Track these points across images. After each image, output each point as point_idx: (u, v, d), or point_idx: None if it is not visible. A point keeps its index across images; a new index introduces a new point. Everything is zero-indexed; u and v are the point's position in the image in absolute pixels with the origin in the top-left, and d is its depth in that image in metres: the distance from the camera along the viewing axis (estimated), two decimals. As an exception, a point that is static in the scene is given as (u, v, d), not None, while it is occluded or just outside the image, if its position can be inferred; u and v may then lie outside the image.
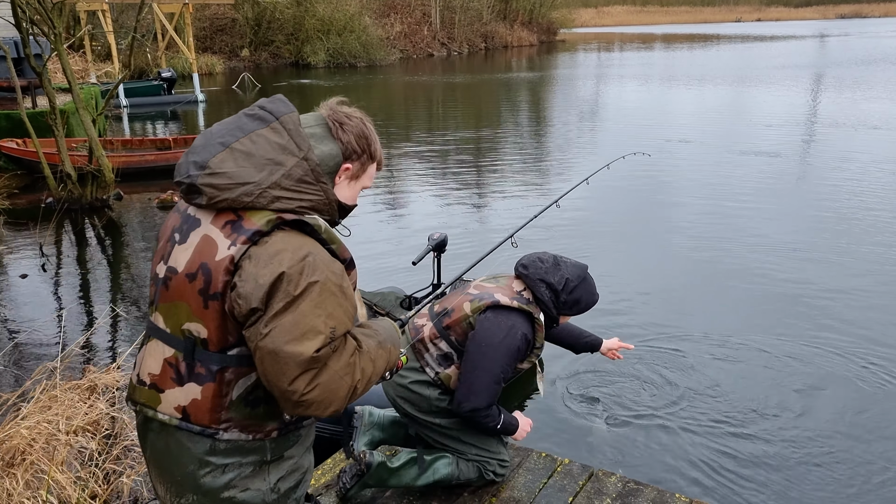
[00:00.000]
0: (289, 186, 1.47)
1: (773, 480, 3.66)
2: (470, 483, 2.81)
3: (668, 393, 4.48)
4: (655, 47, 45.93)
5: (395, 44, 37.53)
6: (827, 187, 9.82)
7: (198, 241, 1.49)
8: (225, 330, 1.46)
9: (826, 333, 5.31)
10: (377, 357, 1.57)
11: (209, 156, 1.48)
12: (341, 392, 1.46)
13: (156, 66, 23.65)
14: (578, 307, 2.71)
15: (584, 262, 2.79)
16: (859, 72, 26.52)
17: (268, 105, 1.55)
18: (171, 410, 1.52)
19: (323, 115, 1.61)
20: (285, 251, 1.42)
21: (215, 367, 1.48)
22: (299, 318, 1.39)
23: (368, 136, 1.63)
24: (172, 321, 1.51)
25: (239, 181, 1.45)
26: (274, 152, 1.48)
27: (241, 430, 1.51)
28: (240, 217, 1.47)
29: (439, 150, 13.26)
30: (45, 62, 9.15)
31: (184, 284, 1.48)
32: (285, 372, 1.40)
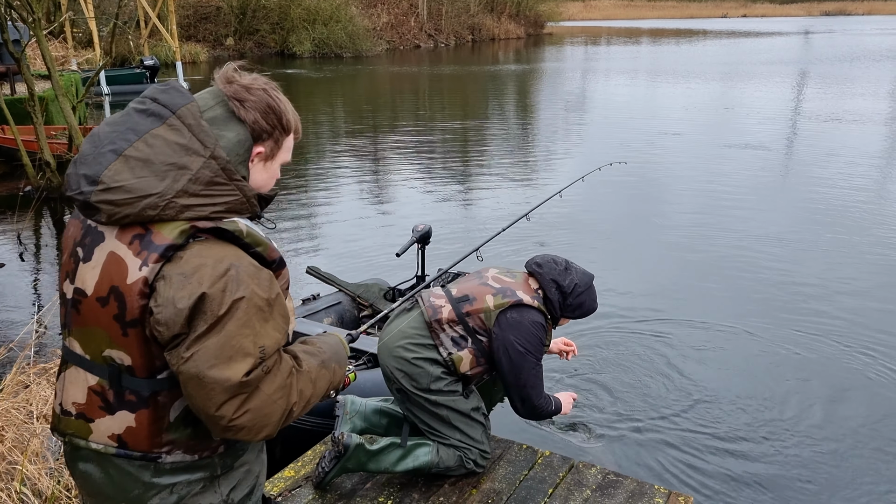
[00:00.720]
0: (198, 192, 1.30)
1: (751, 471, 3.68)
2: (449, 472, 2.80)
3: (649, 385, 4.49)
4: (642, 42, 46.02)
5: (382, 34, 37.31)
6: (813, 180, 9.91)
7: (105, 260, 1.32)
8: (150, 355, 1.34)
9: (809, 325, 5.35)
10: (318, 377, 1.48)
11: (100, 167, 1.29)
12: (274, 417, 1.36)
13: (138, 54, 23.36)
14: (580, 311, 2.83)
15: (592, 273, 2.90)
16: (843, 68, 26.73)
17: (161, 97, 1.35)
18: (105, 440, 1.39)
19: (221, 92, 1.38)
20: (204, 267, 1.28)
21: (146, 393, 1.36)
22: (224, 341, 1.27)
23: (277, 108, 1.42)
24: (91, 348, 1.37)
25: (139, 194, 1.27)
26: (175, 155, 1.30)
27: (185, 452, 1.41)
28: (148, 230, 1.30)
29: (425, 142, 13.21)
30: (24, 48, 8.98)
31: (96, 309, 1.33)
32: (211, 397, 1.28)
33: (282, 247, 7.19)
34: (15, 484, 2.86)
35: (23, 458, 2.98)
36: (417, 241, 4.49)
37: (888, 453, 3.85)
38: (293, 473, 2.95)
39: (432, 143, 13.20)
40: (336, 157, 11.99)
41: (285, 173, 10.57)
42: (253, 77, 1.43)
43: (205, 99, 1.38)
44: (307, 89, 21.59)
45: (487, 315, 2.70)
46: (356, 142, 13.33)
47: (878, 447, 3.90)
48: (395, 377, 2.76)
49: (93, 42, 20.69)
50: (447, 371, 2.74)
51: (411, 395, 2.74)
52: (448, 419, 2.76)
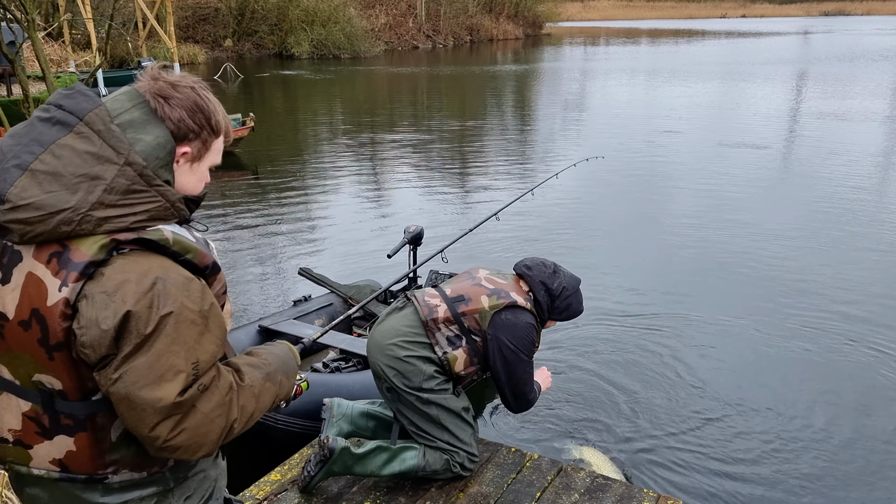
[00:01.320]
0: (115, 202, 1.22)
1: (741, 475, 3.66)
2: (436, 475, 2.78)
3: (639, 388, 4.47)
4: (641, 42, 46.04)
5: (380, 35, 37.33)
6: (813, 178, 9.94)
7: (24, 282, 1.25)
8: (81, 378, 1.27)
9: (806, 324, 5.33)
10: (262, 391, 1.41)
11: (5, 185, 1.20)
12: (212, 435, 1.30)
13: (136, 56, 23.35)
14: (567, 313, 2.87)
15: (579, 277, 2.94)
16: (843, 68, 26.74)
17: (66, 102, 1.26)
18: (47, 465, 1.34)
19: (140, 92, 1.30)
20: (127, 283, 1.20)
21: (82, 416, 1.30)
22: (153, 360, 1.21)
23: (205, 107, 1.35)
24: (20, 373, 1.30)
25: (51, 210, 1.19)
26: (86, 165, 1.21)
27: (132, 470, 1.36)
28: (66, 247, 1.22)
29: (420, 143, 13.19)
30: (18, 49, 8.98)
31: (19, 334, 1.26)
32: (143, 419, 1.23)
33: (274, 248, 7.19)
34: (1, 488, 2.84)
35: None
36: (409, 242, 4.46)
37: (887, 460, 3.82)
38: (279, 477, 2.93)
39: (428, 143, 13.19)
40: (330, 157, 11.97)
41: (282, 174, 10.53)
42: (181, 75, 1.37)
43: (119, 101, 1.29)
44: (305, 90, 21.58)
45: (482, 315, 2.72)
46: (352, 143, 13.31)
47: (874, 449, 3.88)
48: (386, 375, 2.74)
49: (91, 43, 20.69)
50: (440, 370, 2.73)
51: (402, 393, 2.73)
52: (437, 419, 2.74)
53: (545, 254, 6.43)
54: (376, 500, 2.79)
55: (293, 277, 5.17)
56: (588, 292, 5.75)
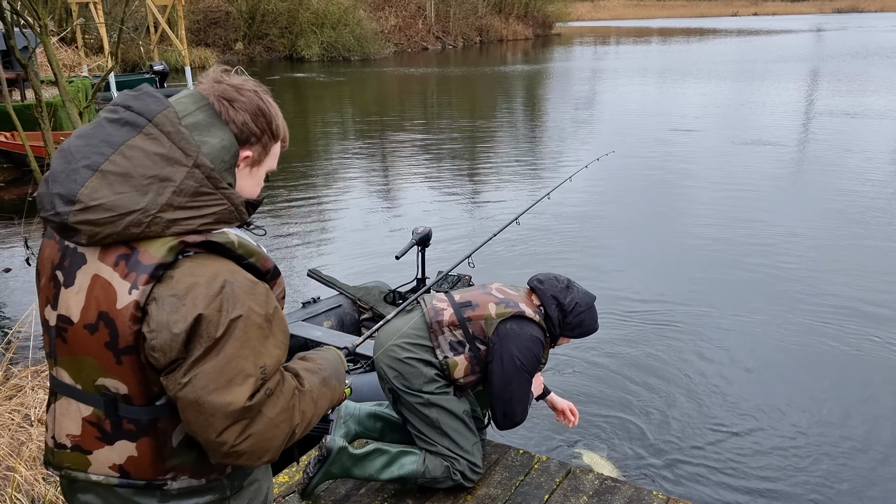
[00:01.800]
0: (184, 204, 1.21)
1: (753, 478, 3.63)
2: (437, 483, 2.75)
3: (648, 390, 4.45)
4: (652, 41, 45.83)
5: (390, 37, 37.35)
6: (830, 175, 9.86)
7: (89, 284, 1.24)
8: (147, 382, 1.26)
9: (823, 322, 5.28)
10: (320, 397, 1.41)
11: (76, 186, 1.19)
12: (277, 441, 1.29)
13: (148, 60, 23.51)
14: (579, 330, 2.80)
15: (594, 294, 2.88)
16: (858, 65, 26.47)
17: (134, 104, 1.25)
18: (106, 470, 1.32)
19: (204, 95, 1.30)
20: (197, 286, 1.20)
21: (146, 421, 1.29)
22: (223, 364, 1.20)
23: (267, 112, 1.35)
24: (82, 377, 1.29)
25: (121, 211, 1.18)
26: (156, 167, 1.21)
27: (191, 476, 1.34)
28: (134, 249, 1.21)
29: (429, 144, 13.19)
30: (31, 54, 9.04)
31: (85, 338, 1.25)
32: (211, 423, 1.22)
33: (284, 249, 7.21)
34: (9, 490, 2.86)
35: (18, 462, 2.97)
36: (417, 244, 4.46)
37: None
38: (287, 479, 2.93)
39: (437, 144, 13.18)
40: (340, 159, 11.99)
41: (292, 175, 10.55)
42: (243, 79, 1.36)
43: (184, 104, 1.28)
44: (316, 93, 21.64)
45: (488, 322, 2.69)
46: (361, 144, 13.33)
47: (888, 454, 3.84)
48: (387, 376, 2.74)
49: (104, 48, 20.84)
50: (440, 374, 2.71)
51: (402, 394, 2.72)
52: (437, 423, 2.72)
53: (562, 254, 6.43)
54: (384, 501, 2.78)
55: (302, 279, 5.18)
56: (603, 291, 5.75)
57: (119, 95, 1.29)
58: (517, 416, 2.72)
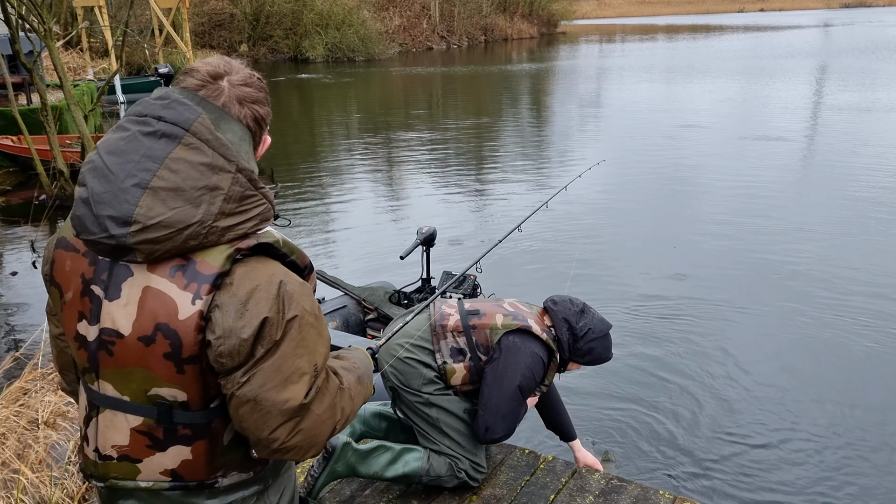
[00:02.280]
0: (233, 210, 1.22)
1: (761, 477, 3.60)
2: (441, 481, 2.74)
3: (655, 389, 4.42)
4: (658, 39, 45.71)
5: (394, 37, 37.37)
6: (843, 170, 9.81)
7: (140, 297, 1.23)
8: (206, 387, 1.28)
9: (835, 318, 5.24)
10: (356, 394, 1.44)
11: (130, 206, 1.17)
12: (322, 437, 1.32)
13: (153, 62, 23.58)
14: (590, 357, 2.75)
15: (610, 322, 2.82)
16: (867, 61, 26.32)
17: (166, 114, 1.22)
18: (157, 476, 1.33)
19: (195, 93, 1.28)
20: (258, 290, 1.22)
21: (202, 424, 1.31)
22: (280, 362, 1.23)
23: (263, 100, 1.36)
24: (131, 389, 1.28)
25: (179, 227, 1.18)
26: (204, 177, 1.20)
27: (239, 472, 1.37)
28: (190, 260, 1.21)
29: (434, 144, 13.19)
30: (36, 58, 9.09)
31: (139, 350, 1.24)
32: (267, 421, 1.25)
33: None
34: (15, 493, 2.86)
35: (23, 466, 2.98)
36: (422, 244, 4.44)
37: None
38: (292, 480, 2.92)
39: (442, 144, 13.18)
40: (345, 160, 12.00)
41: (296, 176, 10.54)
42: (233, 63, 1.37)
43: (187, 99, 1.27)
44: (321, 94, 21.67)
45: (493, 331, 2.65)
46: (366, 145, 13.34)
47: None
48: (387, 374, 2.73)
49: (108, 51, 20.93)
50: (439, 377, 2.69)
51: (402, 393, 2.71)
52: (438, 422, 2.70)
53: (568, 251, 6.38)
54: (389, 502, 2.77)
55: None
56: (611, 287, 5.75)
57: (142, 104, 1.26)
58: (498, 432, 2.62)
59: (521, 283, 6.03)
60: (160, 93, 1.26)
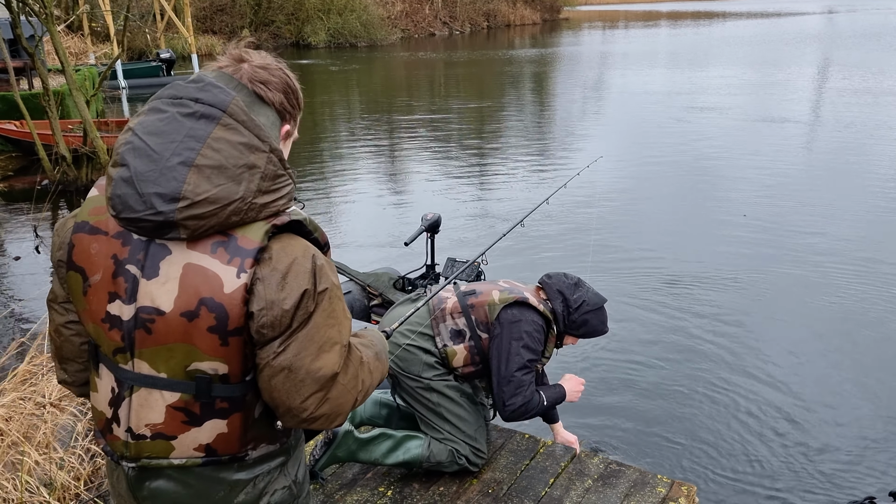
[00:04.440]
0: (268, 188, 1.29)
1: (756, 461, 3.64)
2: (442, 467, 2.77)
3: (654, 375, 4.45)
4: (661, 25, 45.43)
5: (397, 23, 37.18)
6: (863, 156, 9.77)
7: (181, 274, 1.26)
8: (246, 360, 1.32)
9: (833, 306, 5.26)
10: (374, 369, 1.48)
11: (178, 183, 1.22)
12: (347, 406, 1.37)
13: (155, 47, 23.51)
14: (585, 329, 2.79)
15: (605, 297, 2.86)
16: (872, 47, 26.16)
17: (203, 96, 1.28)
18: (190, 452, 1.36)
19: (232, 76, 1.35)
20: (296, 264, 1.27)
21: (238, 397, 1.34)
22: (314, 332, 1.28)
23: (295, 87, 1.42)
24: (171, 365, 1.31)
25: (223, 203, 1.23)
26: (243, 156, 1.26)
27: (268, 443, 1.42)
28: (231, 236, 1.26)
29: (438, 131, 13.16)
30: (37, 43, 9.06)
31: (181, 325, 1.27)
32: (300, 389, 1.29)
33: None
34: (21, 474, 2.90)
35: (29, 447, 3.01)
36: (426, 230, 4.46)
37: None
38: (295, 463, 2.95)
39: (446, 131, 13.15)
40: (348, 146, 11.99)
41: (299, 162, 10.54)
42: (263, 56, 1.40)
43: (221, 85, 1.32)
44: (323, 79, 21.58)
45: (491, 307, 2.68)
46: (369, 131, 13.31)
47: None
48: None
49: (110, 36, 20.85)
50: (440, 362, 2.72)
51: (402, 379, 2.73)
52: (438, 407, 2.73)
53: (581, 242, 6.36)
54: (391, 486, 2.81)
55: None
56: (618, 273, 5.77)
57: (176, 87, 1.30)
58: (518, 402, 2.62)
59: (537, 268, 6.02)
60: (194, 76, 1.32)
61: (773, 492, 3.43)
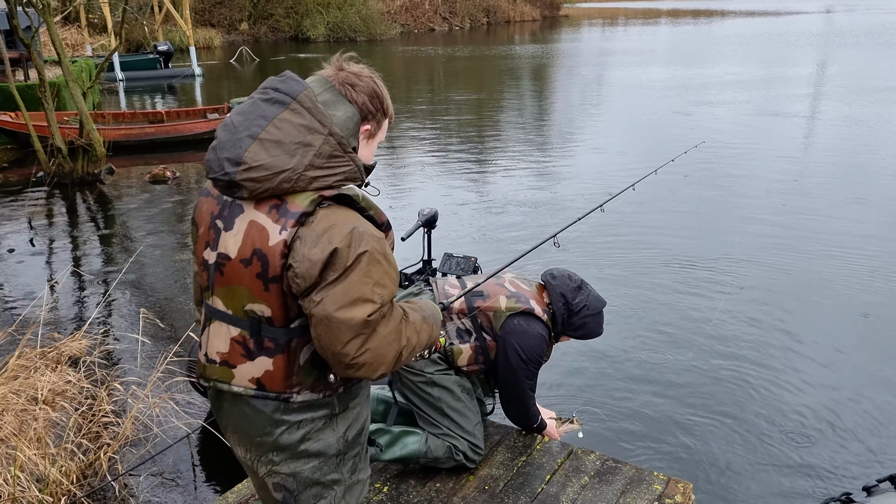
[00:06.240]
0: (322, 164, 1.52)
1: (752, 458, 3.63)
2: (439, 463, 2.75)
3: (650, 372, 4.43)
4: (661, 23, 45.40)
5: (396, 18, 37.11)
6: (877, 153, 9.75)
7: (246, 228, 1.55)
8: (287, 307, 1.55)
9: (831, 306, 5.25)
10: (421, 329, 1.68)
11: (241, 151, 1.51)
12: (389, 356, 1.56)
13: (152, 40, 23.41)
14: (582, 332, 2.85)
15: (605, 300, 2.91)
16: (871, 47, 26.17)
17: (281, 86, 1.56)
18: (246, 383, 1.61)
19: (328, 79, 1.62)
20: (333, 228, 1.49)
21: (282, 340, 1.58)
22: (349, 287, 1.48)
23: (380, 94, 1.66)
24: (233, 304, 1.59)
25: (276, 170, 1.50)
26: (300, 135, 1.51)
27: (311, 391, 1.62)
28: (283, 201, 1.53)
29: (436, 126, 13.13)
30: (34, 34, 9.00)
31: (240, 270, 1.56)
32: (338, 336, 1.49)
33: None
34: (12, 469, 2.87)
35: (20, 442, 2.98)
36: (423, 225, 4.43)
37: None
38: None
39: (443, 127, 13.12)
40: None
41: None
42: (360, 67, 1.66)
43: (314, 86, 1.59)
44: (320, 73, 21.52)
45: (497, 315, 2.71)
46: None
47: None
48: None
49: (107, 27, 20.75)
50: (443, 358, 2.72)
51: (403, 374, 2.72)
52: (439, 402, 2.72)
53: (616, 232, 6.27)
54: (387, 482, 2.79)
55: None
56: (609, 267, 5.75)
57: (268, 80, 1.59)
58: (524, 403, 2.82)
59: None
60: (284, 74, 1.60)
61: (769, 488, 3.42)
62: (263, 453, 1.66)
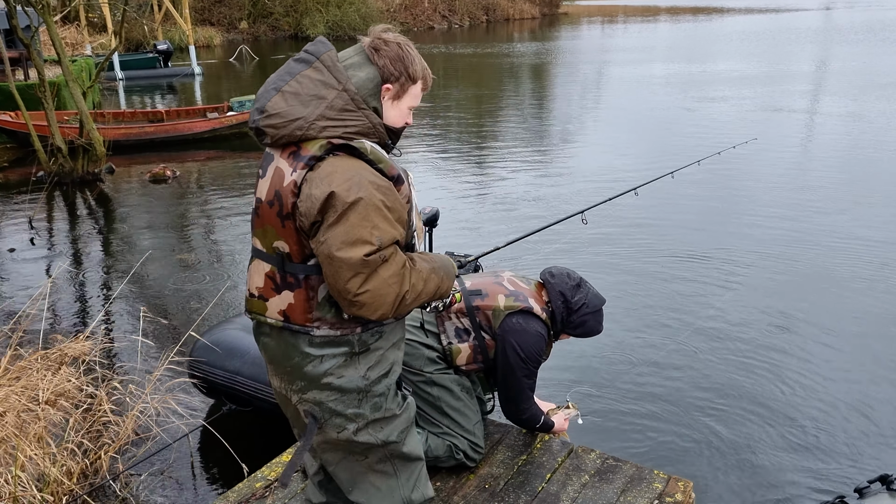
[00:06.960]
0: (333, 116, 1.68)
1: (752, 456, 3.63)
2: (439, 462, 2.75)
3: (652, 371, 4.44)
4: (660, 20, 45.34)
5: (395, 16, 37.04)
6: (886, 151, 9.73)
7: (273, 173, 1.74)
8: (302, 244, 1.72)
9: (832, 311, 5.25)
10: (428, 278, 1.80)
11: (266, 101, 1.71)
12: (389, 298, 1.68)
13: (152, 39, 23.39)
14: (581, 330, 2.83)
15: (604, 298, 2.90)
16: (871, 43, 26.13)
17: (310, 48, 1.77)
18: (276, 315, 1.79)
19: (362, 45, 1.79)
20: (335, 173, 1.64)
21: (301, 276, 1.74)
22: (349, 228, 1.62)
23: (405, 59, 1.78)
24: (265, 242, 1.78)
25: (290, 118, 1.68)
26: (316, 88, 1.69)
27: (329, 327, 1.76)
28: (299, 148, 1.70)
29: (436, 125, 13.11)
30: (33, 33, 8.99)
31: (267, 210, 1.75)
32: (340, 273, 1.63)
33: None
34: (13, 469, 2.87)
35: (21, 442, 2.98)
36: (424, 224, 4.42)
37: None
38: (287, 458, 2.93)
39: (444, 125, 13.10)
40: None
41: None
42: (394, 35, 1.81)
43: (348, 51, 1.79)
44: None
45: (496, 314, 2.70)
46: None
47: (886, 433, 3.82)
48: None
49: (107, 27, 20.74)
50: (442, 358, 2.72)
51: (402, 374, 2.71)
52: (439, 401, 2.72)
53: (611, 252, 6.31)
54: (386, 481, 2.78)
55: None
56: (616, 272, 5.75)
57: (307, 45, 1.78)
58: (521, 407, 2.79)
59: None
60: (317, 38, 1.81)
61: (769, 487, 3.42)
62: (293, 381, 1.83)
